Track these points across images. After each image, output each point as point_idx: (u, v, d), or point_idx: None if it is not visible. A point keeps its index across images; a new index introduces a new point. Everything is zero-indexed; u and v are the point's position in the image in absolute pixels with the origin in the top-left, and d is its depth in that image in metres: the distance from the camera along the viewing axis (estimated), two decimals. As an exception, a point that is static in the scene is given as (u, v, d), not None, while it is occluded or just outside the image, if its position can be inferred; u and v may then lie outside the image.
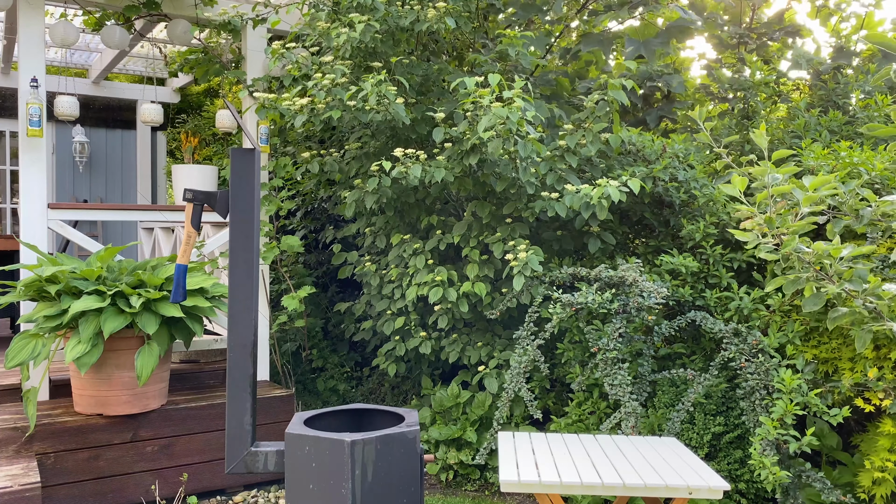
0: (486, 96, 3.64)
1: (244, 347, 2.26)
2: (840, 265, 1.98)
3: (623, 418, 3.46)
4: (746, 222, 2.11)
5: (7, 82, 7.17)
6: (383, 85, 3.80)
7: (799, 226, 2.05)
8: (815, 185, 2.09)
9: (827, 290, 1.94)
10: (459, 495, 3.99)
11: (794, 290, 2.04)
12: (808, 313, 2.61)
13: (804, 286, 2.00)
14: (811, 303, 1.99)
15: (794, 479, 3.22)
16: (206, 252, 4.57)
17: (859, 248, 1.98)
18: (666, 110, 5.32)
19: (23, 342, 3.45)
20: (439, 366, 4.85)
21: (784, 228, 2.06)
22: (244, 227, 2.26)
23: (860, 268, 1.96)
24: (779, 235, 2.05)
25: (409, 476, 2.23)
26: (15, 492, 3.10)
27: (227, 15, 4.56)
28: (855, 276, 1.96)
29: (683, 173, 4.28)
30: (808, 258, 1.99)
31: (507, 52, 4.10)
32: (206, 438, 3.95)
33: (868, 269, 1.97)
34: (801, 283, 2.02)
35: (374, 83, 3.79)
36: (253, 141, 2.64)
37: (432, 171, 3.87)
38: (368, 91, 3.76)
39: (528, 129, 3.69)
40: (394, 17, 4.17)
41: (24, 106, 3.97)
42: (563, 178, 4.02)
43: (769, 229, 2.08)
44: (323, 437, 2.14)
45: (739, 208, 2.15)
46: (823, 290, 1.94)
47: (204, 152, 7.28)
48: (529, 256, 3.75)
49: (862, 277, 1.96)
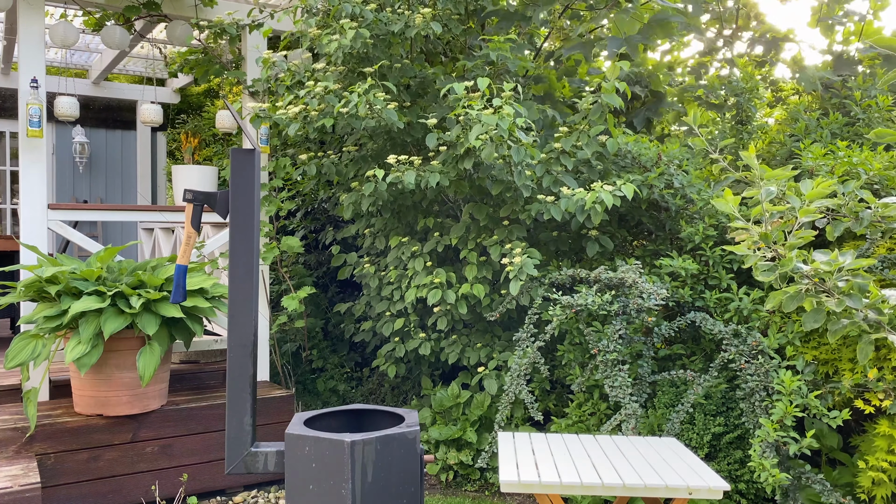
0: (476, 105, 3.64)
1: (244, 348, 2.26)
2: (838, 279, 1.98)
3: (623, 420, 3.46)
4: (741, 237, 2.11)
5: (7, 83, 7.17)
6: (371, 93, 3.80)
7: (795, 242, 2.05)
8: (812, 196, 2.08)
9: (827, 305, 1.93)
10: (459, 496, 3.99)
11: (794, 306, 2.03)
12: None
13: (804, 301, 1.99)
14: (811, 319, 1.99)
15: (793, 481, 3.22)
16: (206, 252, 4.57)
17: (858, 260, 1.97)
18: (653, 111, 5.31)
19: (23, 343, 3.45)
20: (439, 367, 4.86)
21: (780, 245, 2.06)
22: (244, 227, 2.26)
23: (860, 281, 1.96)
24: (775, 250, 2.05)
25: (409, 476, 2.23)
26: (15, 492, 3.10)
27: (224, 23, 4.57)
28: (855, 290, 1.96)
29: (679, 178, 4.28)
30: (807, 273, 1.98)
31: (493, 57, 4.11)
32: (206, 439, 3.95)
33: (869, 281, 1.97)
34: (801, 299, 2.01)
35: (360, 92, 3.79)
36: (253, 141, 2.64)
37: (427, 176, 3.87)
38: (357, 101, 3.76)
39: (520, 134, 3.69)
40: (383, 23, 4.17)
41: (24, 106, 3.97)
42: (560, 180, 4.02)
43: (765, 244, 2.08)
44: (323, 437, 2.15)
45: (735, 225, 2.15)
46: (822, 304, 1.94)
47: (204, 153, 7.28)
48: (525, 261, 3.75)
49: (862, 290, 1.96)
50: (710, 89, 5.52)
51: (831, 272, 1.96)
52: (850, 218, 2.72)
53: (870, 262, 2.02)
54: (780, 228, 2.08)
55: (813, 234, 2.10)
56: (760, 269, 2.08)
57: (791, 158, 4.66)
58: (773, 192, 2.11)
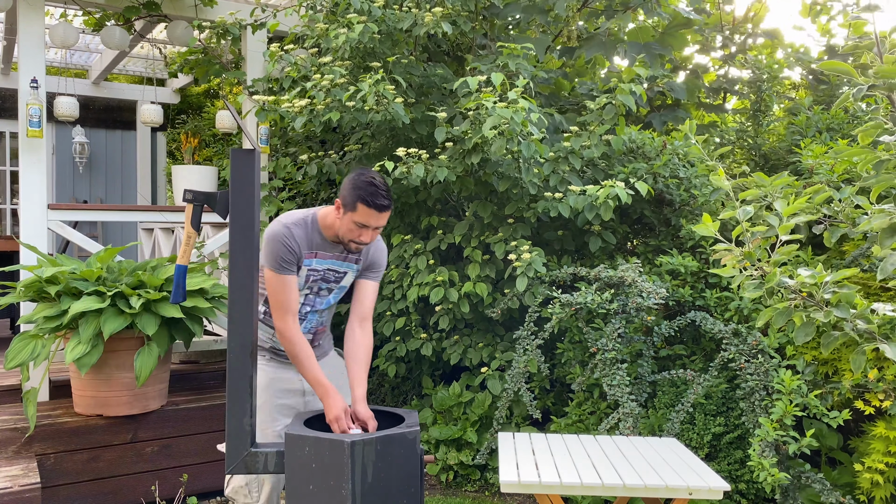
0: (490, 98, 3.65)
1: (244, 348, 2.25)
2: (825, 291, 1.98)
3: (621, 419, 3.46)
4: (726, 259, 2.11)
5: (7, 83, 7.17)
6: (381, 84, 3.80)
7: (779, 259, 2.05)
8: (789, 212, 2.09)
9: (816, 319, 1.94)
10: (459, 496, 3.99)
11: (783, 322, 2.03)
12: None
13: (793, 316, 2.00)
14: (802, 333, 1.99)
15: (793, 481, 3.22)
16: (206, 253, 4.57)
17: (841, 272, 1.98)
18: (670, 115, 5.32)
19: (23, 343, 3.45)
20: (440, 366, 4.85)
21: (765, 262, 2.06)
22: (244, 227, 2.26)
23: (846, 292, 1.96)
24: (761, 268, 2.05)
25: (410, 476, 2.23)
26: (15, 492, 3.10)
27: (226, 23, 4.56)
28: (842, 302, 1.96)
29: (684, 170, 4.28)
30: (794, 287, 1.98)
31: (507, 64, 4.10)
32: (206, 439, 3.94)
33: (854, 291, 1.97)
34: (790, 314, 2.01)
35: (371, 83, 3.79)
36: (253, 142, 2.64)
37: (434, 171, 3.87)
38: (367, 91, 3.76)
39: (531, 128, 3.70)
40: (391, 20, 4.17)
41: (24, 107, 3.97)
42: (566, 179, 4.03)
43: (750, 263, 2.08)
44: (323, 437, 2.15)
45: (717, 248, 2.16)
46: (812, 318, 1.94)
47: (204, 153, 7.27)
48: (533, 258, 3.75)
49: (849, 302, 1.96)
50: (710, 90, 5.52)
51: (817, 286, 1.96)
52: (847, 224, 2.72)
53: (853, 272, 2.02)
54: (763, 246, 2.09)
55: (795, 248, 2.11)
56: (748, 287, 2.08)
57: (791, 153, 4.66)
58: (750, 212, 2.12)
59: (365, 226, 2.40)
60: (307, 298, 2.58)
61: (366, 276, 2.65)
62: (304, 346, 2.46)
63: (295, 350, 2.45)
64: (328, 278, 2.59)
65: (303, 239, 2.48)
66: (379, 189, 2.36)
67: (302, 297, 2.57)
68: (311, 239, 2.50)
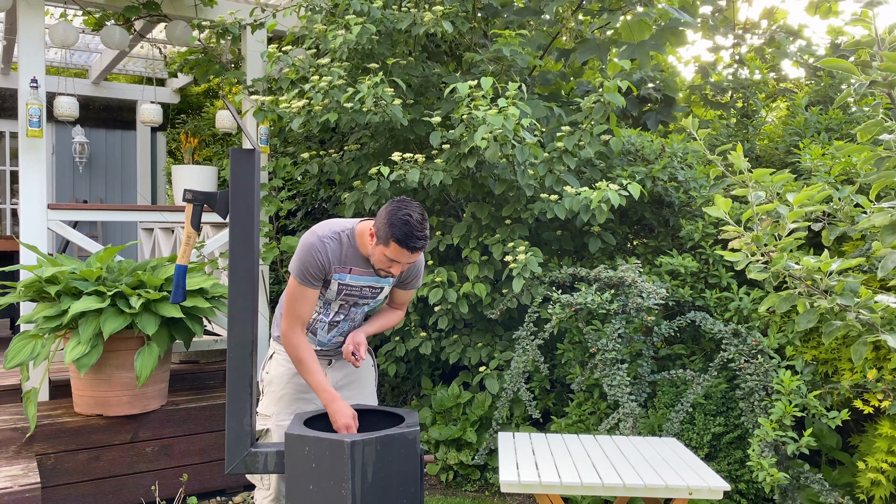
0: (482, 106, 3.63)
1: (244, 348, 2.26)
2: (830, 280, 1.99)
3: (621, 419, 3.46)
4: (734, 242, 2.12)
5: (7, 83, 7.17)
6: (380, 87, 3.80)
7: (786, 243, 2.06)
8: (799, 200, 2.09)
9: (819, 306, 1.94)
10: (459, 496, 3.99)
11: (786, 307, 2.04)
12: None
13: (797, 302, 2.00)
14: (805, 320, 1.99)
15: (792, 481, 3.22)
16: (205, 252, 4.57)
17: (847, 260, 1.98)
18: (665, 114, 5.32)
19: (22, 343, 3.45)
20: (439, 366, 4.85)
21: (772, 246, 2.07)
22: (244, 227, 2.26)
23: (850, 280, 1.97)
24: (768, 253, 2.06)
25: (409, 477, 2.23)
26: (15, 492, 3.10)
27: (226, 23, 4.56)
28: (846, 290, 1.97)
29: (683, 173, 4.28)
30: (799, 274, 1.99)
31: (502, 52, 4.10)
32: (206, 439, 3.95)
33: (859, 281, 1.98)
34: (794, 300, 2.02)
35: (370, 85, 3.79)
36: (253, 141, 2.64)
37: (430, 174, 3.87)
38: (365, 93, 3.76)
39: (524, 134, 3.69)
40: (390, 20, 4.17)
41: (23, 106, 3.97)
42: (562, 179, 4.03)
43: (757, 248, 2.09)
44: (323, 437, 2.15)
45: (727, 229, 2.16)
46: (816, 305, 1.95)
47: (204, 153, 7.27)
48: (529, 258, 3.75)
49: (853, 291, 1.97)
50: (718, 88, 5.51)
51: (822, 273, 1.97)
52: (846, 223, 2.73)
53: (858, 261, 2.03)
54: (770, 232, 2.10)
55: (801, 235, 2.11)
56: (753, 269, 2.09)
57: (789, 154, 4.66)
58: (761, 196, 2.13)
59: (396, 262, 2.35)
60: (342, 308, 2.55)
61: (403, 287, 2.65)
62: (309, 352, 2.45)
63: (300, 355, 2.44)
64: (365, 295, 2.55)
65: (336, 254, 2.43)
66: (414, 230, 2.26)
67: (336, 307, 2.54)
68: (346, 254, 2.45)
